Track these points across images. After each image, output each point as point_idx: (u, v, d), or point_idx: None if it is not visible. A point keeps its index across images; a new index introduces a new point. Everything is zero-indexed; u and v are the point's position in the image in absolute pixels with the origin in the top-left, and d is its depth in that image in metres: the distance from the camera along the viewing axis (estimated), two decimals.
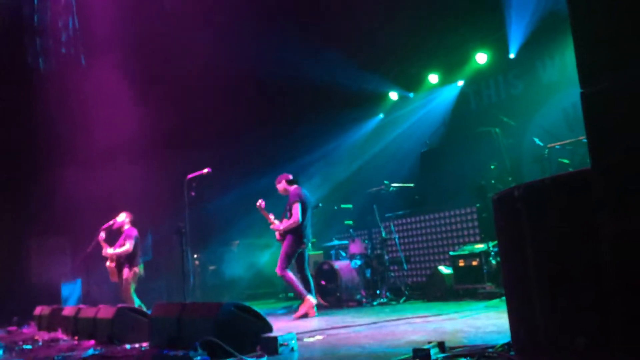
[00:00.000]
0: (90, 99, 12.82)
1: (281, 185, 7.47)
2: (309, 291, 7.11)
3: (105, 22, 14.35)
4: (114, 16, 14.21)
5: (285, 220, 7.27)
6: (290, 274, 7.17)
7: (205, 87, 12.45)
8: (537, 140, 7.55)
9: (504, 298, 6.17)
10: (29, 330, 8.52)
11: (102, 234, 7.95)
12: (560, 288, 2.54)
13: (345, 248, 9.42)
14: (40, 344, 6.16)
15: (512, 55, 9.66)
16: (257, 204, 7.46)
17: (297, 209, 7.07)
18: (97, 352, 4.80)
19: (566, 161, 6.91)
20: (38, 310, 8.47)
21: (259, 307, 4.63)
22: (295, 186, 7.37)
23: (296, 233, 7.15)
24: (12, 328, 9.02)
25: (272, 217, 7.46)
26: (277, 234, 7.40)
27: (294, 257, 7.28)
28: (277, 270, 7.19)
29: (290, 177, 7.49)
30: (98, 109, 12.38)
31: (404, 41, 11.02)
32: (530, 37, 9.23)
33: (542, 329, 2.62)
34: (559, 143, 7.13)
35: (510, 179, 7.58)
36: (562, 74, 9.00)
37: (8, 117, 12.39)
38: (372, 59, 11.80)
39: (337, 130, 12.90)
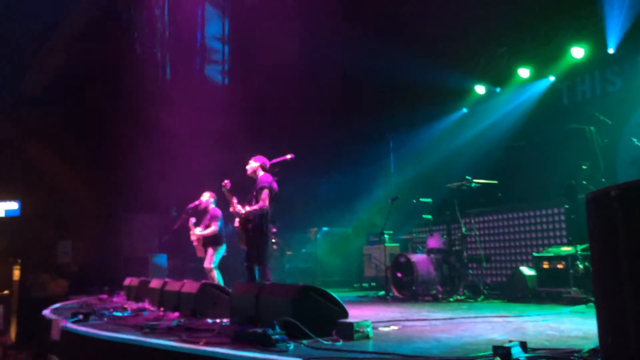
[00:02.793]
0: (184, 86, 13.43)
1: (255, 166, 6.93)
2: None
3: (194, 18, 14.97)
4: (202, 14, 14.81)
5: (247, 206, 6.79)
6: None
7: (297, 81, 12.74)
8: (635, 141, 7.12)
9: (590, 304, 5.91)
10: (118, 299, 9.08)
11: (192, 220, 8.27)
12: None
13: (423, 242, 9.33)
14: (128, 312, 6.55)
15: (611, 50, 9.11)
16: (223, 183, 6.92)
17: (266, 194, 6.64)
18: (181, 324, 5.05)
19: None
20: (127, 281, 9.00)
21: (333, 295, 4.67)
22: (266, 173, 6.89)
23: (262, 221, 6.69)
24: (104, 296, 9.66)
25: (235, 200, 6.93)
26: (236, 220, 6.97)
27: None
28: (251, 263, 6.60)
29: (268, 164, 6.98)
30: (190, 96, 12.95)
31: (494, 34, 10.72)
32: (631, 31, 8.67)
33: (634, 338, 2.50)
34: None
35: (603, 180, 7.19)
36: None
37: (106, 102, 13.21)
38: (461, 52, 11.56)
39: (419, 124, 12.76)
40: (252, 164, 7.02)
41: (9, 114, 14.71)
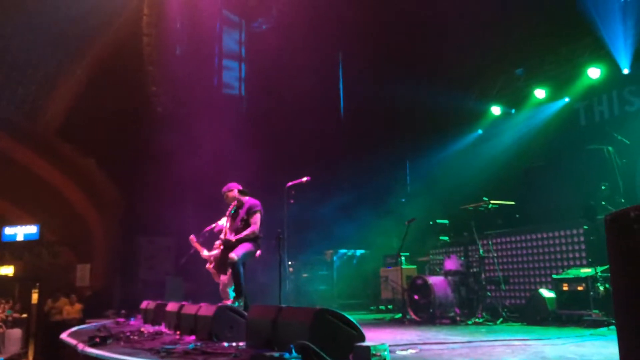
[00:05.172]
0: (200, 113, 13.59)
1: (232, 194, 7.14)
2: (240, 298, 6.80)
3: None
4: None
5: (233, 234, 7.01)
6: (242, 270, 6.76)
7: (313, 106, 12.87)
8: None
9: (612, 327, 5.79)
10: (135, 322, 9.08)
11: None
12: None
13: (440, 264, 9.24)
14: (145, 335, 6.55)
15: (625, 71, 9.09)
16: (190, 238, 7.58)
17: (258, 217, 6.77)
18: (198, 347, 5.04)
19: None
20: (144, 304, 9.01)
21: (350, 317, 4.63)
22: (249, 197, 7.05)
23: (255, 242, 6.84)
24: (121, 319, 9.68)
25: (205, 252, 7.52)
26: (208, 263, 7.36)
27: (248, 259, 6.87)
28: (233, 255, 6.72)
29: (241, 187, 7.21)
30: (206, 122, 13.10)
31: (511, 55, 10.76)
32: None
33: None
34: None
35: (622, 200, 7.09)
36: None
37: (123, 129, 13.44)
38: (477, 74, 11.61)
39: (436, 145, 12.74)
40: (230, 193, 7.23)
41: (29, 141, 15.02)
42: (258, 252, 6.98)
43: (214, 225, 8.48)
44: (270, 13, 15.41)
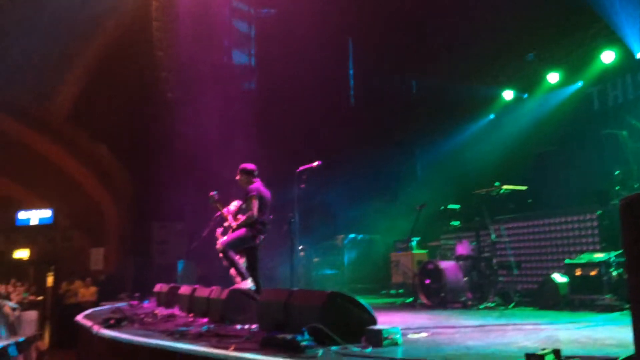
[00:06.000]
0: (211, 100, 13.61)
1: (243, 176, 7.06)
2: (247, 279, 6.66)
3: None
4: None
5: (240, 216, 7.02)
6: (234, 254, 6.71)
7: (323, 91, 12.82)
8: None
9: (625, 312, 5.77)
10: (149, 305, 9.20)
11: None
12: None
13: (451, 249, 9.23)
14: (159, 318, 6.63)
15: (639, 55, 8.96)
16: (210, 194, 7.37)
17: (255, 203, 6.71)
18: (211, 329, 5.10)
19: None
20: (158, 288, 9.12)
21: (361, 301, 4.64)
22: (255, 182, 7.00)
23: (252, 227, 6.76)
24: (134, 302, 9.79)
25: (226, 212, 7.33)
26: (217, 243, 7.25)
27: (243, 247, 6.88)
28: (219, 245, 6.73)
29: (255, 172, 7.12)
30: (218, 109, 13.13)
31: (524, 39, 10.63)
32: None
33: None
34: None
35: (636, 185, 7.03)
36: None
37: (136, 116, 13.50)
38: (489, 58, 11.50)
39: (447, 130, 12.67)
40: (243, 175, 7.11)
41: (42, 127, 15.13)
42: (261, 237, 6.91)
43: (225, 210, 8.52)
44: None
